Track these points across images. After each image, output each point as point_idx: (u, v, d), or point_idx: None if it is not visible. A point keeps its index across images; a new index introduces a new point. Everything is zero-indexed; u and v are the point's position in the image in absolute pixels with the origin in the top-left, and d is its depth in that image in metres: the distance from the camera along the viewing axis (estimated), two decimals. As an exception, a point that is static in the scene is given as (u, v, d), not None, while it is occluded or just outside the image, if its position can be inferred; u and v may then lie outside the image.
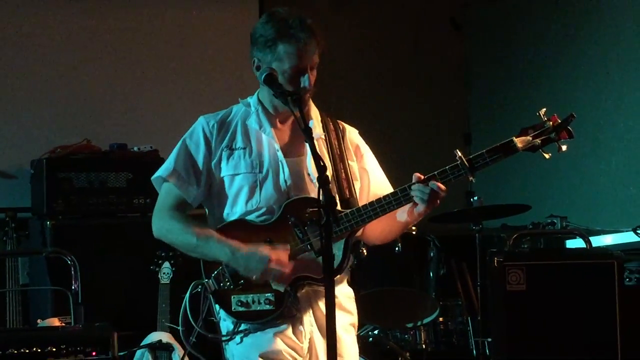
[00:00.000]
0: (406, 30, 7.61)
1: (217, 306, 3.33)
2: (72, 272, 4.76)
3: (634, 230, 5.47)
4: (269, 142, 3.34)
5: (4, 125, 6.09)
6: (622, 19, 6.57)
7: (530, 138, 3.17)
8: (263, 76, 3.24)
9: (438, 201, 3.21)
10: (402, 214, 3.31)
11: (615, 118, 6.59)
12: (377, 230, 3.42)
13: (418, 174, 3.22)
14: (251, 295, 3.26)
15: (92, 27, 6.35)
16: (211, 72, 6.67)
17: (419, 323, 5.24)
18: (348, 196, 3.34)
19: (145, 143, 5.89)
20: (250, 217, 3.31)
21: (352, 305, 3.46)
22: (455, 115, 7.83)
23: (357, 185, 3.42)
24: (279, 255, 3.22)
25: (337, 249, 3.20)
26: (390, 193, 3.24)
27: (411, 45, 7.64)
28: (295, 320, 3.30)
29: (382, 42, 7.50)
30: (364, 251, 3.45)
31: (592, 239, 5.46)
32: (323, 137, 3.41)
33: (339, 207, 3.26)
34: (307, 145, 3.18)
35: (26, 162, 5.87)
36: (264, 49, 3.27)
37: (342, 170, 3.38)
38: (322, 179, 2.90)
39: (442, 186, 3.16)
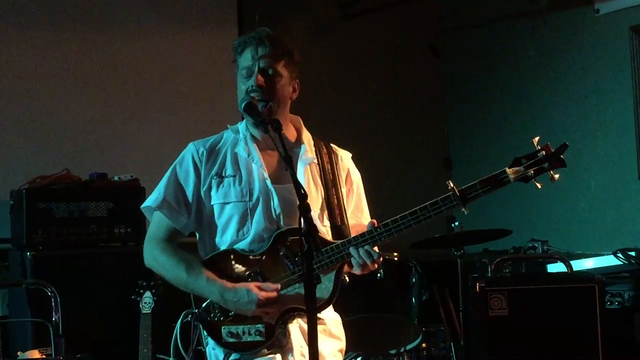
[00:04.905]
0: (385, 57, 7.64)
1: (204, 333, 3.30)
2: (53, 304, 4.74)
3: (614, 254, 5.49)
4: (258, 170, 3.34)
5: (-17, 156, 6.06)
6: (600, 43, 6.63)
7: (523, 169, 3.16)
8: (242, 105, 3.24)
9: (375, 266, 3.23)
10: None
11: (593, 142, 6.62)
12: None
13: (372, 220, 3.25)
14: (241, 326, 3.24)
15: (71, 57, 6.33)
16: (191, 100, 6.66)
17: (402, 349, 5.22)
18: (339, 223, 3.34)
19: (126, 172, 5.86)
20: (240, 245, 3.30)
21: (340, 331, 3.45)
22: (435, 140, 7.85)
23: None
24: (268, 294, 3.22)
25: (329, 280, 3.21)
26: (391, 220, 3.21)
27: (390, 71, 7.67)
28: (285, 351, 3.28)
29: (362, 68, 7.52)
30: (346, 278, 3.44)
31: (573, 262, 5.48)
32: (315, 161, 3.40)
33: (330, 237, 3.28)
34: (297, 171, 3.22)
35: (5, 193, 5.82)
36: (234, 56, 3.34)
37: (335, 197, 3.37)
38: (303, 207, 2.88)
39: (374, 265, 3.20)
